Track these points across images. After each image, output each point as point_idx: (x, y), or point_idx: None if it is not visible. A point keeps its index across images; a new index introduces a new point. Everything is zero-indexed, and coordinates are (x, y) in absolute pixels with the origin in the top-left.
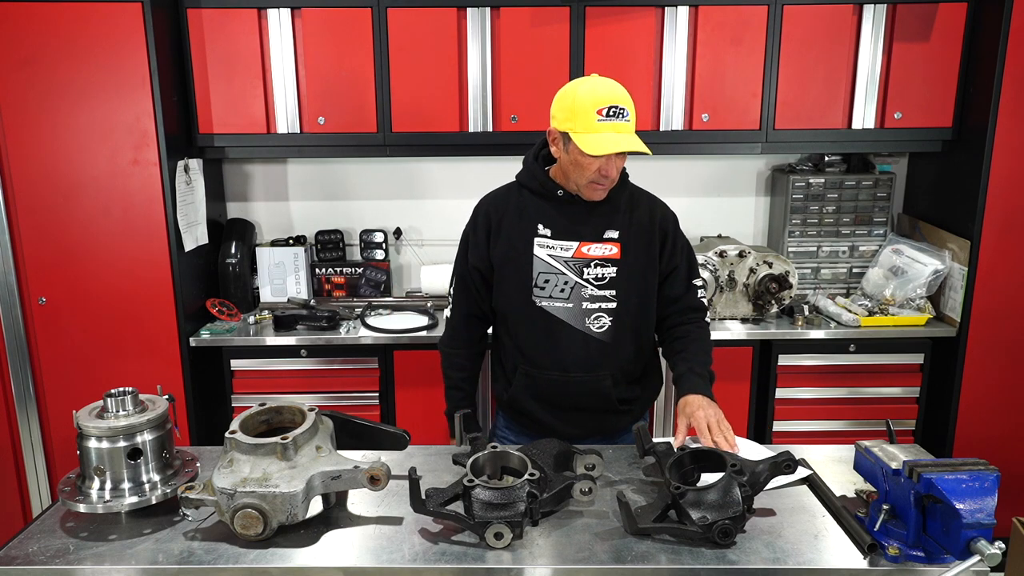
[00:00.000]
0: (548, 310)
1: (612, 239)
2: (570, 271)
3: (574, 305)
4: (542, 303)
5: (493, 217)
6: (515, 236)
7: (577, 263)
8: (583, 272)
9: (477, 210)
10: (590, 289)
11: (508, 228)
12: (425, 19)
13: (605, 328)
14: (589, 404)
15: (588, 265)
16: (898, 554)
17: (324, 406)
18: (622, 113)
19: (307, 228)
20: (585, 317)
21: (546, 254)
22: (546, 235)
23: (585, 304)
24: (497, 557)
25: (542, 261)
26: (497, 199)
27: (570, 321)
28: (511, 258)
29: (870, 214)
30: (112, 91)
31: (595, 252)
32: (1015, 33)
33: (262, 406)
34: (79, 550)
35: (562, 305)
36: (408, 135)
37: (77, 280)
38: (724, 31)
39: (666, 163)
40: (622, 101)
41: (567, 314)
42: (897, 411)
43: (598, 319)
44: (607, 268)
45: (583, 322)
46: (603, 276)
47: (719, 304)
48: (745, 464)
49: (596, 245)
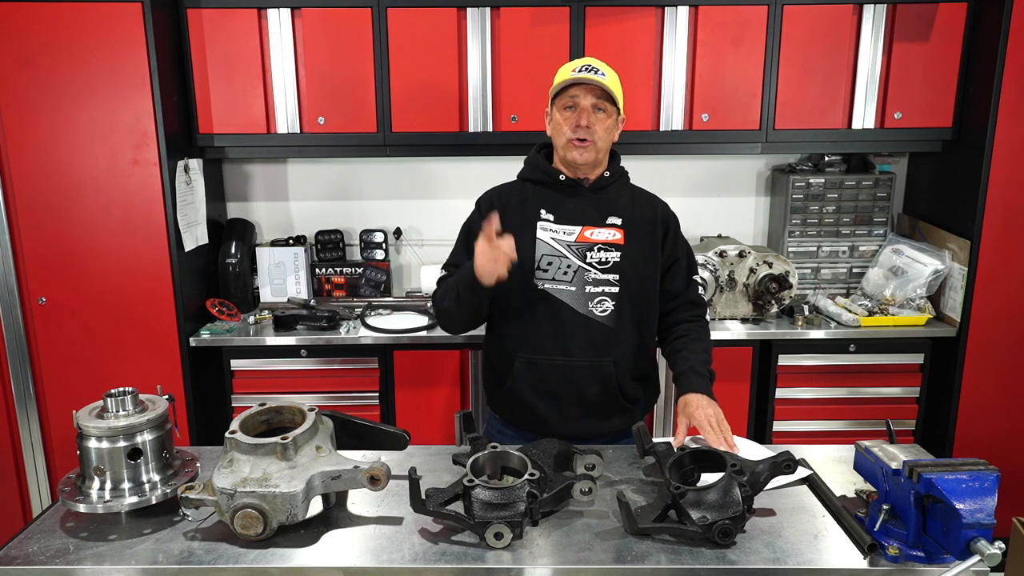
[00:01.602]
0: (551, 292)
1: (615, 224)
2: (573, 255)
3: (577, 288)
4: (544, 285)
5: (497, 204)
6: (518, 221)
7: (580, 247)
8: (586, 256)
9: (480, 200)
10: (593, 273)
11: (512, 214)
12: (425, 19)
13: (608, 312)
14: (591, 393)
15: (591, 249)
16: (898, 554)
17: (324, 406)
18: (596, 70)
19: (307, 228)
20: (588, 300)
21: (549, 237)
22: (549, 219)
23: (588, 288)
24: (497, 557)
25: (545, 244)
26: (501, 190)
27: (572, 304)
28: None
29: (870, 214)
30: (112, 91)
31: (599, 236)
32: (1015, 33)
33: (262, 406)
34: (79, 550)
35: (565, 288)
36: (408, 135)
37: (77, 280)
38: (724, 31)
39: (666, 163)
40: (597, 64)
41: (570, 297)
42: (897, 411)
43: (601, 303)
44: (610, 252)
45: (586, 305)
46: (606, 260)
47: (719, 304)
48: (745, 464)
49: (599, 230)
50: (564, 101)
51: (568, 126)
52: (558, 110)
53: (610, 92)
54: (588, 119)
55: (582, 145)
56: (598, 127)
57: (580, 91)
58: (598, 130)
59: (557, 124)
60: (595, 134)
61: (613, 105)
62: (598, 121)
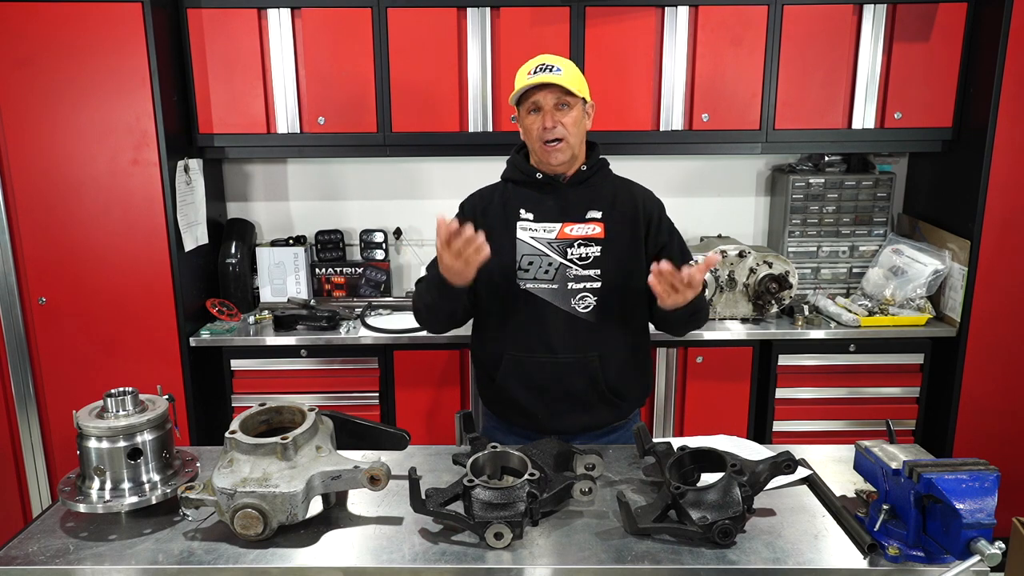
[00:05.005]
0: (533, 292)
1: (595, 219)
2: (554, 252)
3: (559, 286)
4: (527, 285)
5: (478, 207)
6: (498, 223)
7: (561, 244)
8: (567, 252)
9: (463, 204)
10: (574, 269)
11: (492, 216)
12: (425, 19)
13: (590, 308)
14: (578, 388)
15: (572, 245)
16: (898, 554)
17: (324, 406)
18: (551, 68)
19: (307, 228)
20: (570, 297)
21: (529, 236)
22: (528, 219)
23: (570, 284)
24: (497, 557)
25: (525, 244)
26: (483, 194)
27: (555, 302)
28: (495, 242)
29: (870, 214)
30: (112, 91)
31: (578, 232)
32: (1015, 33)
33: (262, 406)
34: (79, 550)
35: (547, 286)
36: (408, 135)
37: (77, 280)
38: (724, 31)
39: (666, 163)
40: (551, 60)
41: (552, 295)
42: (897, 411)
43: (583, 299)
44: (591, 247)
45: (568, 302)
46: (587, 256)
47: (719, 304)
48: (745, 464)
49: (579, 225)
50: (527, 106)
51: (536, 130)
52: (523, 115)
53: (569, 88)
54: (553, 119)
55: (555, 147)
56: (566, 123)
57: (540, 94)
58: (567, 126)
59: (526, 129)
60: (565, 131)
61: (577, 97)
62: (564, 117)
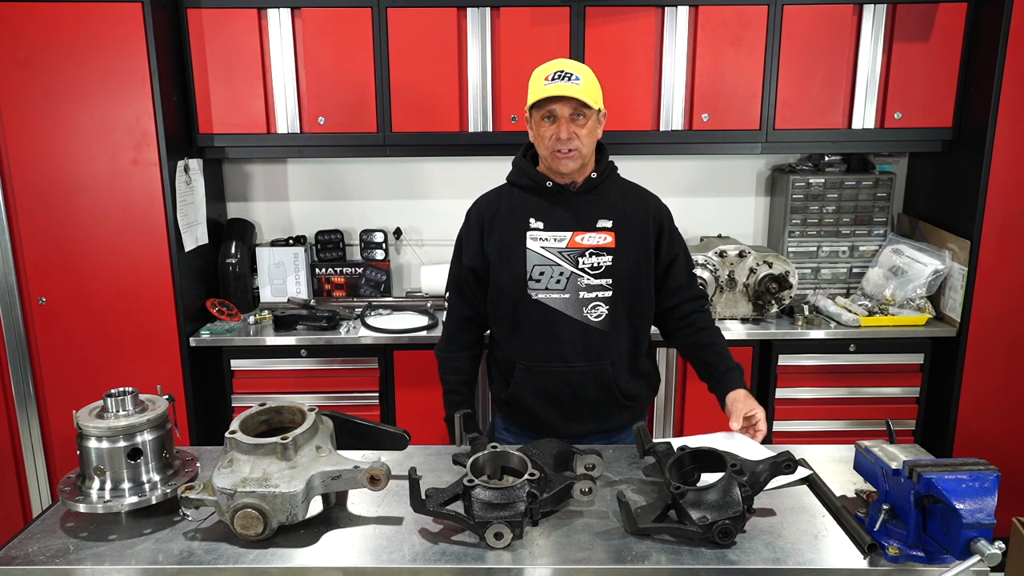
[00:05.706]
0: (545, 302)
1: (605, 228)
2: (565, 262)
3: (571, 295)
4: (538, 296)
5: (486, 215)
6: (507, 232)
7: (571, 253)
8: (578, 262)
9: (470, 212)
10: (586, 279)
11: (501, 225)
12: (425, 19)
13: (603, 317)
14: (591, 395)
15: (583, 255)
16: (898, 554)
17: (324, 406)
18: (569, 76)
19: (307, 228)
20: (583, 307)
21: (539, 246)
22: (538, 228)
23: (582, 294)
24: (497, 557)
25: (535, 254)
26: (489, 199)
27: (567, 311)
28: (505, 253)
29: (870, 214)
30: (112, 91)
31: (589, 241)
32: (1015, 33)
33: (262, 406)
34: (79, 550)
35: (559, 296)
36: (408, 135)
37: (77, 280)
38: (724, 31)
39: (666, 163)
40: (569, 67)
41: (564, 304)
42: (897, 411)
43: (595, 308)
44: (602, 257)
45: (580, 311)
46: (599, 265)
47: (719, 304)
48: (745, 464)
49: (590, 234)
50: (542, 113)
51: (549, 138)
52: (536, 121)
53: (586, 101)
54: (568, 130)
55: (566, 156)
56: (581, 134)
57: (557, 104)
58: (581, 137)
59: (539, 135)
60: (578, 142)
61: (593, 108)
62: (579, 128)
